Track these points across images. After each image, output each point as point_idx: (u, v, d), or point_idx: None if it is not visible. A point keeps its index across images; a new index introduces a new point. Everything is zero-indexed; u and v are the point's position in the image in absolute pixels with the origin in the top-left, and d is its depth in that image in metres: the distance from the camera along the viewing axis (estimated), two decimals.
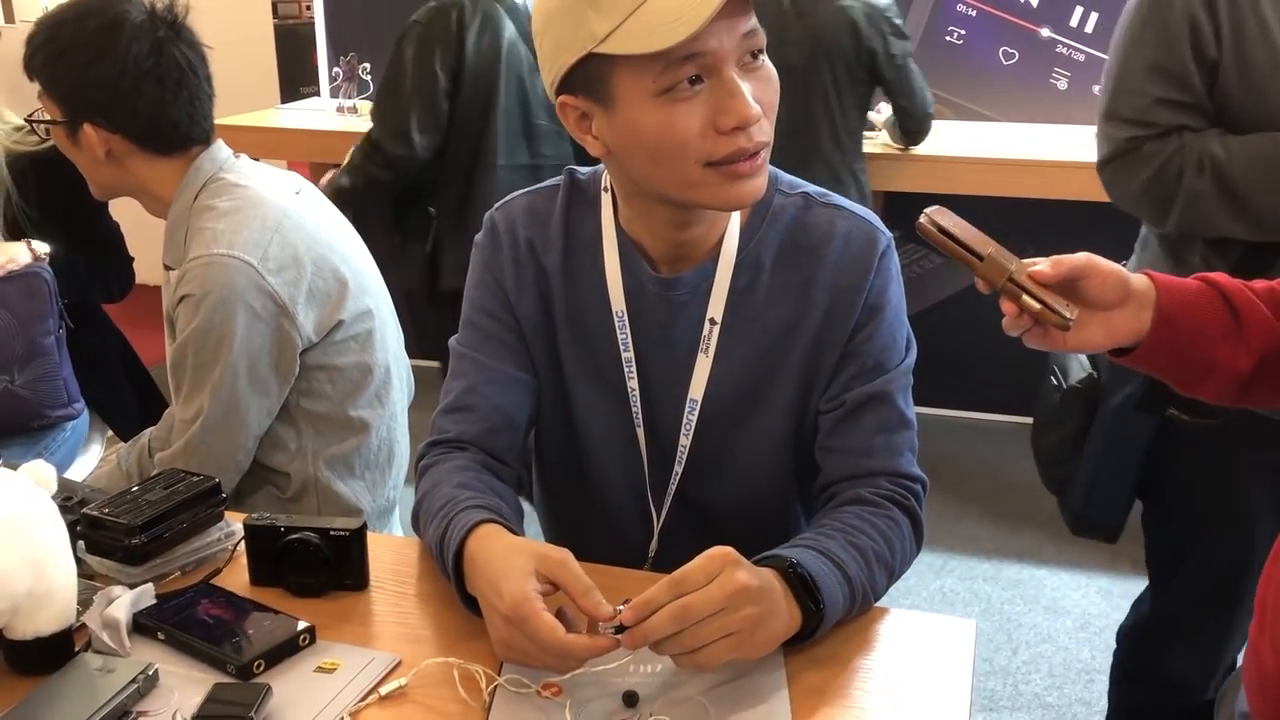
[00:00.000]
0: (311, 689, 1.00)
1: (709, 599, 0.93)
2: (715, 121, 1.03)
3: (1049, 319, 0.99)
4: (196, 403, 1.55)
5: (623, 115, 1.06)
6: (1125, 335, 1.04)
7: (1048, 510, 3.23)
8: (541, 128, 2.82)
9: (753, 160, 1.06)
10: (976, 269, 1.00)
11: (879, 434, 1.18)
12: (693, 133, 1.04)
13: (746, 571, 0.96)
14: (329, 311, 1.60)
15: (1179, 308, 1.03)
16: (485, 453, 1.23)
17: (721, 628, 0.94)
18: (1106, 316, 1.02)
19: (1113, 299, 1.02)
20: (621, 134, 1.07)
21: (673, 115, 1.03)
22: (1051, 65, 3.59)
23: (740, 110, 1.03)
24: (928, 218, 1.01)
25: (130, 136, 1.57)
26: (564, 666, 0.96)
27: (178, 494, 1.21)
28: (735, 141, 1.04)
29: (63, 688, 0.98)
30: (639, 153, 1.08)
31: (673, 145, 1.04)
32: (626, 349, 1.21)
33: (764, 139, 1.06)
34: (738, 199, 1.08)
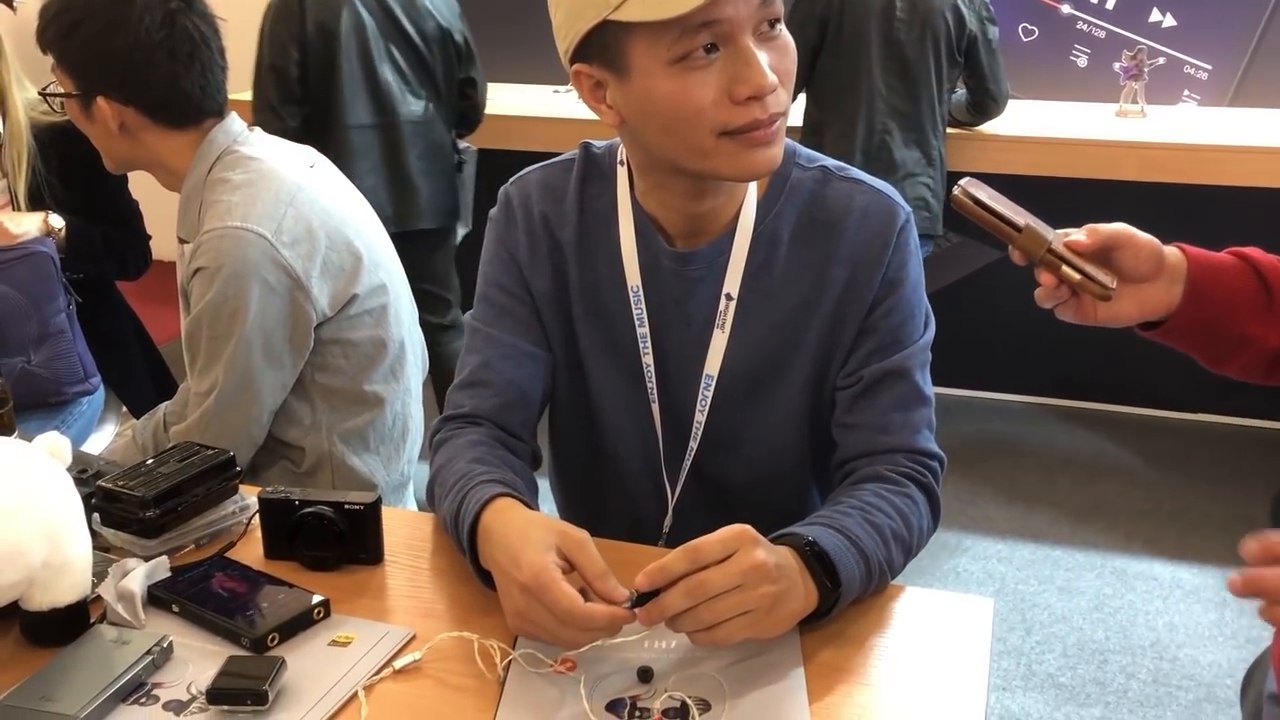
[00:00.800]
0: (326, 662, 1.00)
1: (726, 575, 0.92)
2: (730, 91, 1.02)
3: (1089, 289, 0.98)
4: (211, 376, 1.55)
5: (637, 84, 1.05)
6: (1156, 309, 1.02)
7: (1063, 490, 3.23)
8: (388, 84, 2.87)
9: (768, 129, 1.05)
10: (1014, 241, 0.99)
11: (897, 410, 1.17)
12: (707, 101, 1.02)
13: (764, 549, 0.95)
14: (343, 285, 1.60)
15: (1211, 281, 1.01)
16: (499, 428, 1.23)
17: (738, 604, 0.93)
18: (1138, 289, 1.01)
19: (1146, 271, 1.00)
20: (636, 103, 1.06)
21: (688, 84, 1.02)
22: (1072, 42, 3.55)
23: (756, 79, 1.02)
24: (962, 190, 1.00)
25: (143, 109, 1.56)
26: (578, 639, 0.95)
27: (192, 467, 1.21)
28: (750, 111, 1.03)
29: (78, 659, 0.99)
30: (653, 122, 1.07)
31: (687, 114, 1.03)
32: (642, 324, 1.21)
33: (779, 109, 1.05)
34: (753, 169, 1.07)
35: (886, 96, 2.89)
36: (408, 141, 2.92)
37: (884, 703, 0.96)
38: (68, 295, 2.13)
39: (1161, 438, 3.55)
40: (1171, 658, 2.52)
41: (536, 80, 3.86)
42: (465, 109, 3.09)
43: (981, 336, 3.65)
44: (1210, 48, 3.44)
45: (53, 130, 2.11)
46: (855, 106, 2.90)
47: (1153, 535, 3.01)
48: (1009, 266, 1.04)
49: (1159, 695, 2.40)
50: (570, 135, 1.46)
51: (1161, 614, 2.67)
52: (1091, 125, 3.23)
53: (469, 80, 3.05)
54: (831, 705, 0.95)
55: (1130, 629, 2.62)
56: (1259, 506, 3.10)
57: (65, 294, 2.12)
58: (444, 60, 2.96)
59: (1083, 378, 3.69)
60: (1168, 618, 2.66)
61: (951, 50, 2.91)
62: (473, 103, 3.09)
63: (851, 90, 2.89)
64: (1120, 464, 3.40)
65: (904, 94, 2.91)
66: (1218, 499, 3.17)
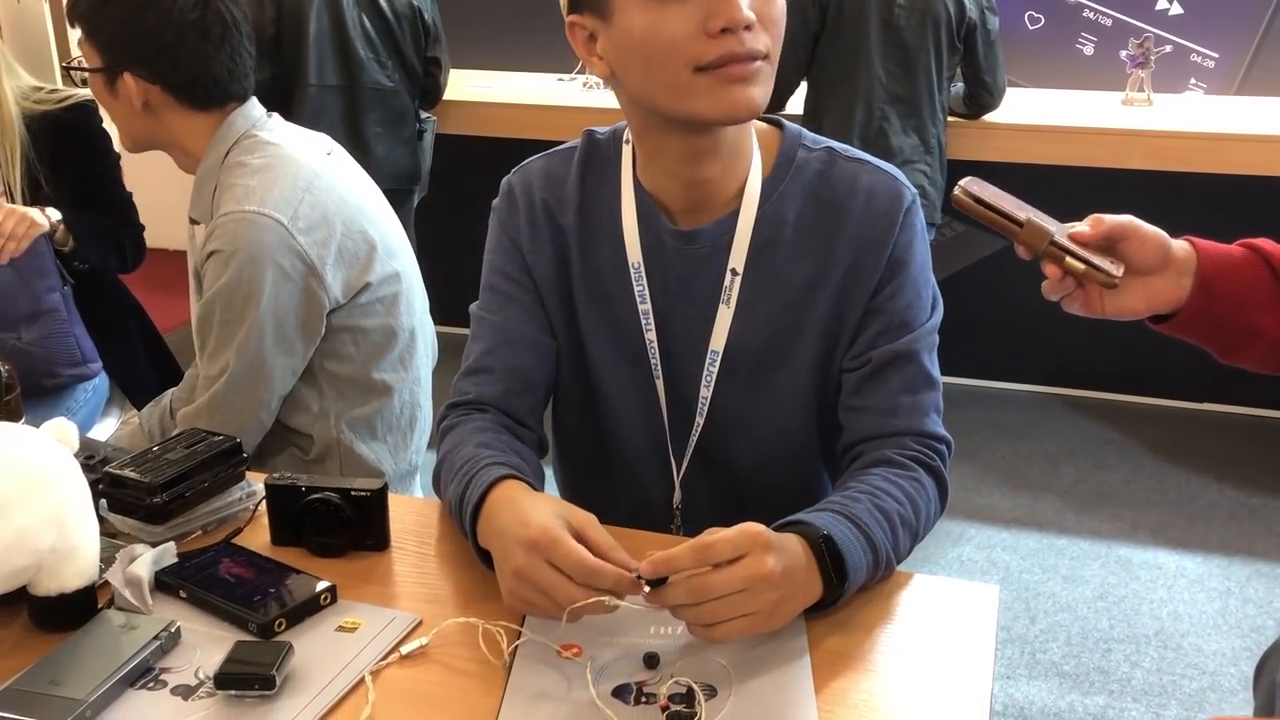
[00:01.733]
0: (333, 648, 1.01)
1: (730, 579, 0.92)
2: (705, 24, 1.03)
3: (1094, 278, 0.98)
4: (222, 359, 1.55)
5: (619, 24, 1.07)
6: (1165, 302, 1.02)
7: (1067, 479, 3.23)
8: (359, 55, 3.04)
9: (745, 65, 1.05)
10: (1017, 236, 0.99)
11: (904, 393, 1.17)
12: (683, 34, 1.03)
13: (775, 556, 0.94)
14: (357, 273, 1.60)
15: (1221, 273, 1.01)
16: (505, 414, 1.23)
17: (739, 608, 0.93)
18: (1145, 282, 1.01)
19: (1153, 263, 1.00)
20: (618, 45, 1.08)
21: (662, 17, 1.03)
22: (1078, 30, 3.54)
23: (729, 11, 1.02)
24: (962, 189, 1.00)
25: (169, 88, 1.56)
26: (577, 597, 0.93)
27: (199, 453, 1.21)
28: (725, 44, 1.03)
29: (86, 644, 0.99)
30: (634, 62, 1.08)
31: (663, 48, 1.04)
32: (644, 301, 1.21)
33: (759, 47, 1.05)
34: (732, 107, 1.07)
35: (885, 83, 2.88)
36: (367, 106, 3.09)
37: (889, 689, 0.96)
38: (61, 276, 2.11)
39: (1167, 427, 3.55)
40: (1176, 646, 2.52)
41: (541, 69, 3.85)
42: (428, 86, 3.28)
43: (986, 325, 3.64)
44: (1217, 36, 3.43)
45: (44, 120, 2.08)
46: (854, 92, 2.89)
47: (1158, 524, 3.01)
48: (1013, 255, 1.04)
49: (1163, 684, 2.40)
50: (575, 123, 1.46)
51: (1166, 603, 2.67)
52: (1098, 114, 3.22)
53: (434, 60, 3.23)
54: (837, 692, 0.95)
55: (1134, 618, 2.62)
56: (1264, 496, 3.10)
57: (59, 275, 2.11)
58: (413, 37, 3.12)
59: (1087, 367, 3.69)
60: (1172, 606, 2.66)
61: (952, 37, 2.90)
62: (435, 81, 3.29)
63: (850, 76, 2.89)
64: (1125, 453, 3.40)
65: (903, 80, 2.89)
66: (1223, 488, 3.17)
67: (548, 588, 0.94)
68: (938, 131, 2.97)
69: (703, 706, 0.92)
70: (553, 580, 0.94)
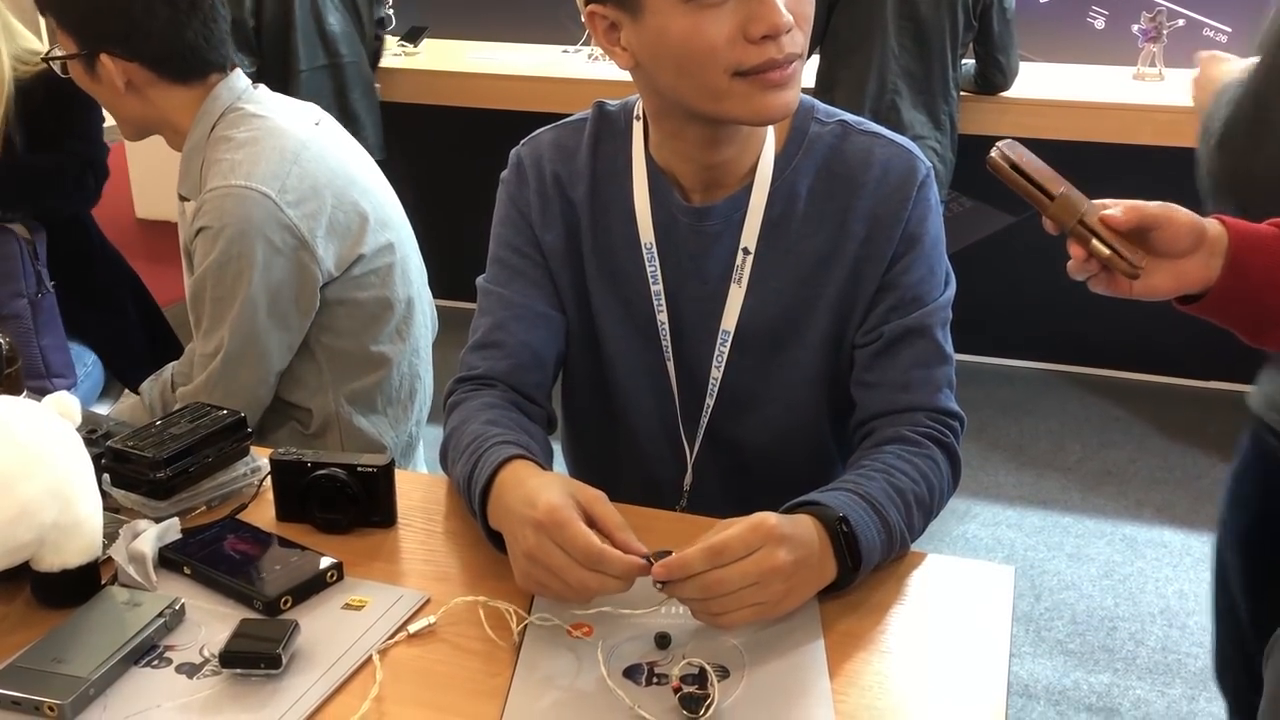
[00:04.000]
0: (339, 626, 0.99)
1: (743, 573, 0.91)
2: (745, 29, 1.01)
3: (1118, 265, 0.96)
4: (216, 337, 1.53)
5: (651, 23, 1.04)
6: (1194, 283, 1.00)
7: (1073, 458, 3.22)
8: (334, 31, 3.14)
9: (783, 70, 1.03)
10: (1047, 209, 0.96)
11: (917, 368, 1.16)
12: (721, 40, 1.01)
13: (786, 548, 0.93)
14: (349, 245, 1.57)
15: (1251, 253, 0.99)
16: (514, 389, 1.21)
17: (749, 599, 0.92)
18: (1176, 264, 0.99)
19: (1185, 248, 0.98)
20: (650, 43, 1.05)
21: (701, 21, 1.01)
22: (1089, 4, 3.50)
23: (771, 17, 1.00)
24: (999, 152, 0.97)
25: (148, 63, 1.54)
26: (589, 583, 0.92)
27: (203, 428, 1.19)
28: (765, 51, 1.02)
29: (90, 621, 0.98)
30: (667, 62, 1.05)
31: (701, 53, 1.02)
32: (656, 281, 1.19)
33: (795, 50, 1.03)
34: (767, 111, 1.06)
35: (898, 56, 2.86)
36: (350, 81, 3.20)
37: (904, 670, 0.95)
38: (40, 285, 2.07)
39: (1173, 405, 3.53)
40: (1181, 625, 2.51)
41: (545, 40, 3.81)
42: (376, 49, 3.38)
43: (992, 302, 3.62)
44: (1230, 9, 3.39)
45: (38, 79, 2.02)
46: (866, 65, 2.86)
47: (1163, 503, 3.00)
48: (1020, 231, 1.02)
49: (1168, 663, 2.39)
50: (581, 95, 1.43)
51: (1171, 581, 2.67)
52: (1109, 88, 3.19)
53: (383, 20, 3.36)
54: (851, 673, 0.94)
55: (1140, 596, 2.62)
56: None
57: (36, 282, 2.06)
58: (366, 3, 3.25)
59: (1094, 344, 3.67)
60: (1178, 585, 2.65)
61: (968, 14, 2.87)
62: (382, 42, 3.40)
63: (864, 48, 2.86)
64: (1131, 431, 3.38)
65: (916, 55, 2.87)
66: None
67: (557, 570, 0.93)
68: (950, 108, 2.94)
69: (715, 687, 0.91)
70: (562, 562, 0.93)
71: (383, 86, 3.41)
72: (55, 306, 2.13)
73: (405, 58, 3.67)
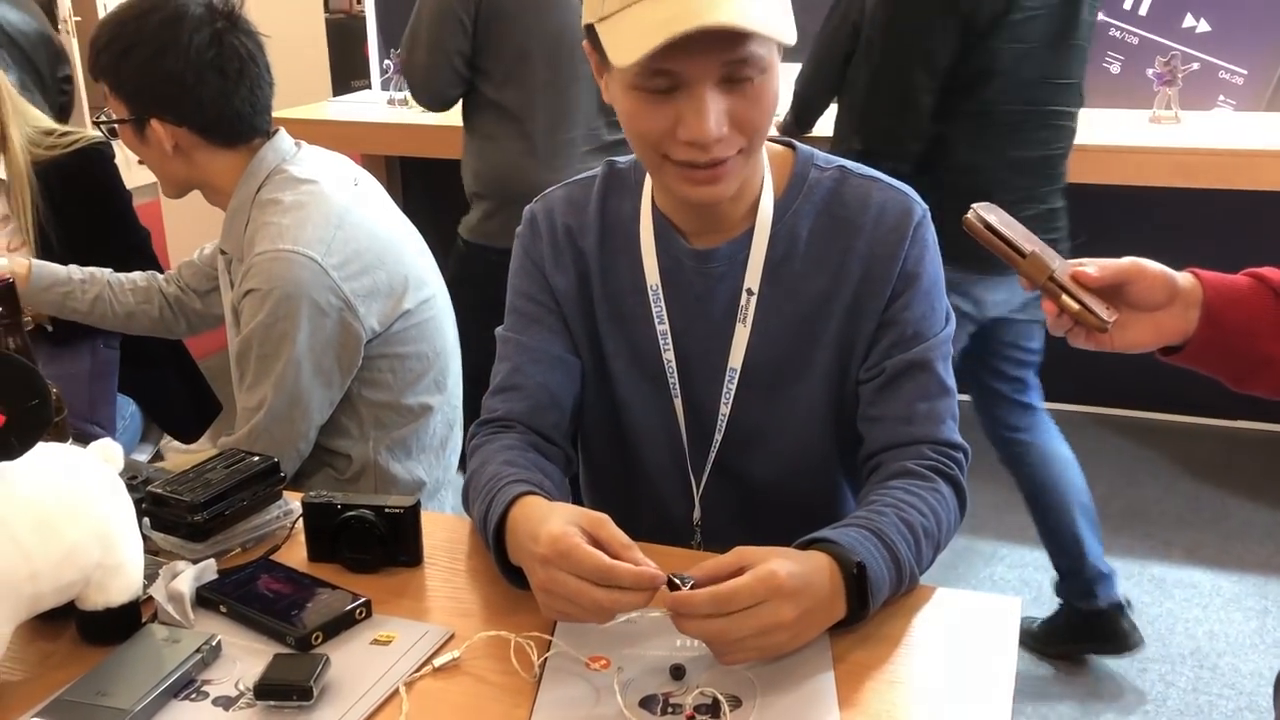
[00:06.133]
0: (368, 660, 1.03)
1: (745, 626, 0.95)
2: (675, 129, 1.07)
3: (1087, 320, 1.00)
4: (260, 393, 1.58)
5: (611, 84, 1.12)
6: (1172, 334, 1.03)
7: (1099, 497, 3.18)
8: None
9: (711, 171, 1.09)
10: (1019, 266, 1.01)
11: (920, 401, 1.19)
12: (654, 130, 1.08)
13: (792, 604, 0.96)
14: (392, 304, 1.63)
15: (1226, 304, 1.02)
16: (532, 431, 1.26)
17: (752, 645, 0.96)
18: (1153, 317, 1.02)
19: (1159, 301, 1.02)
20: (612, 98, 1.14)
21: (640, 110, 1.08)
22: (1105, 49, 3.54)
23: (696, 129, 1.06)
24: (974, 213, 1.02)
25: (196, 129, 1.60)
26: (604, 602, 0.96)
27: (238, 473, 1.25)
28: (689, 151, 1.08)
29: (131, 656, 1.02)
30: (621, 121, 1.14)
31: (638, 132, 1.10)
32: (662, 321, 1.24)
33: (725, 154, 1.09)
34: (695, 198, 1.13)
35: None
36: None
37: (912, 700, 0.98)
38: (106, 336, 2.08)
39: (1200, 445, 3.52)
40: (1212, 666, 2.50)
41: None
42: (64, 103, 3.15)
43: None
44: (1245, 52, 3.42)
45: (52, 167, 2.02)
46: None
47: (1192, 543, 2.99)
48: None
49: (1199, 704, 2.38)
50: None
51: (1201, 622, 2.65)
52: (1125, 132, 3.21)
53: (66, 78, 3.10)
54: (860, 702, 0.97)
55: (1169, 637, 2.60)
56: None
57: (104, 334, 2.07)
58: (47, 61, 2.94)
59: (1119, 384, 3.66)
60: (1208, 626, 2.64)
61: None
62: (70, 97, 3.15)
63: None
64: (1158, 471, 3.37)
65: None
66: (1259, 506, 3.14)
67: (571, 595, 0.97)
68: None
69: (728, 717, 0.94)
70: (575, 588, 0.96)
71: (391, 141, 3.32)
72: (114, 362, 2.18)
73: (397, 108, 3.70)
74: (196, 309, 1.91)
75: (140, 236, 2.22)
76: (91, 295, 1.85)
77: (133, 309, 1.88)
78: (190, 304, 1.91)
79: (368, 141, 3.67)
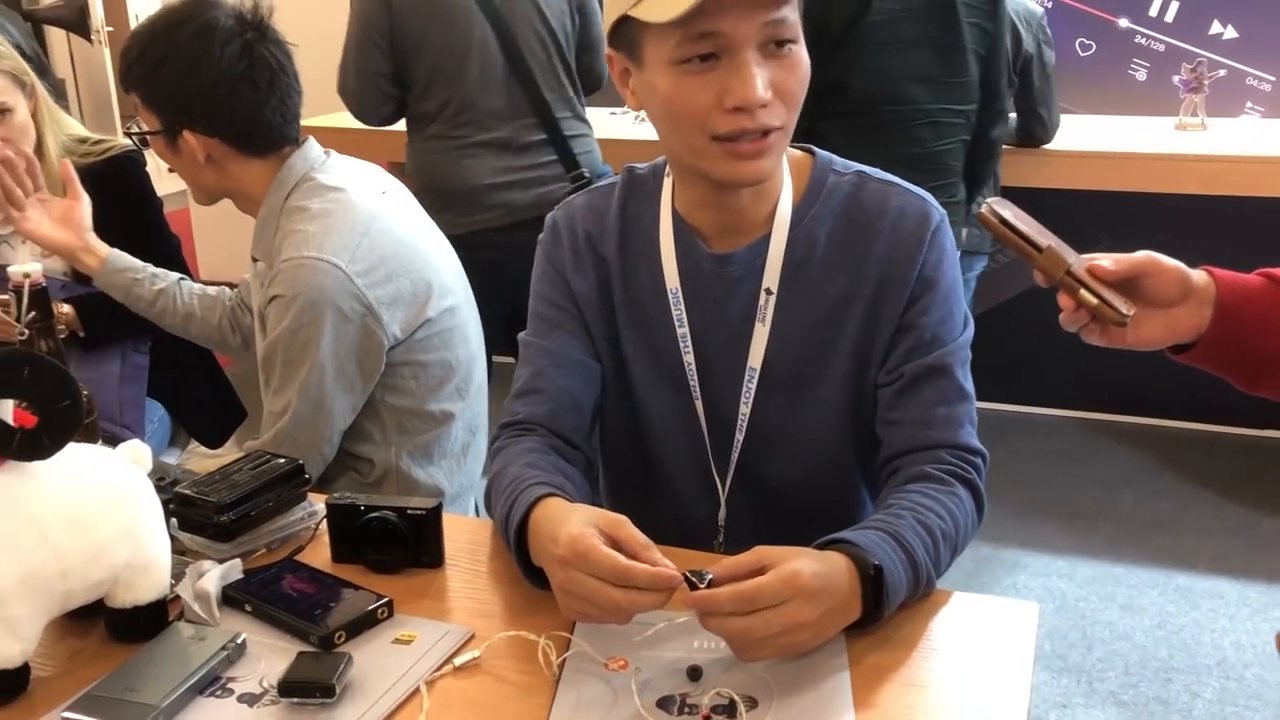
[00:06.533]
0: (389, 659, 1.05)
1: (768, 624, 0.95)
2: (721, 99, 1.08)
3: (1106, 314, 0.99)
4: (285, 398, 1.60)
5: (647, 76, 1.12)
6: (1185, 332, 1.03)
7: (1125, 507, 3.19)
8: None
9: (758, 142, 1.10)
10: (1035, 260, 1.01)
11: (939, 405, 1.20)
12: (700, 105, 1.09)
13: (814, 604, 0.97)
14: (415, 312, 1.65)
15: (1240, 302, 1.02)
16: (554, 434, 1.27)
17: (773, 644, 0.97)
18: (1167, 313, 1.02)
19: (1173, 296, 1.01)
20: (646, 94, 1.14)
21: (684, 85, 1.09)
22: (1130, 56, 3.53)
23: (744, 92, 1.06)
24: (988, 207, 1.03)
25: (227, 139, 1.62)
26: (621, 602, 0.97)
27: (264, 475, 1.27)
28: (738, 120, 1.08)
29: (159, 654, 1.04)
30: (657, 114, 1.14)
31: (681, 113, 1.10)
32: (681, 324, 1.25)
33: (774, 123, 1.10)
34: (739, 176, 1.13)
35: None
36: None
37: (928, 704, 0.98)
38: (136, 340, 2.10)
39: (1227, 454, 3.49)
40: (1238, 677, 2.48)
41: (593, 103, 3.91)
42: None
43: (1039, 352, 3.62)
44: (1273, 59, 3.40)
45: (87, 173, 2.01)
46: None
47: (1218, 552, 2.96)
48: None
49: (1225, 715, 2.36)
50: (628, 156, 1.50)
51: (1228, 632, 2.63)
52: (1151, 139, 3.20)
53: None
54: (877, 705, 0.97)
55: (1195, 647, 2.59)
56: None
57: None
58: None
59: (1144, 393, 3.64)
60: (1234, 636, 2.62)
61: (1009, 69, 2.91)
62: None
63: None
64: (1182, 480, 3.35)
65: None
66: None
67: (589, 596, 0.98)
68: (993, 164, 2.97)
69: (744, 717, 0.95)
70: (593, 588, 0.97)
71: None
72: (144, 367, 2.20)
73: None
74: (251, 325, 1.93)
75: (171, 244, 2.25)
76: (158, 288, 1.87)
77: (194, 311, 1.90)
78: (245, 321, 1.93)
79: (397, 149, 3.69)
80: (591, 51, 2.75)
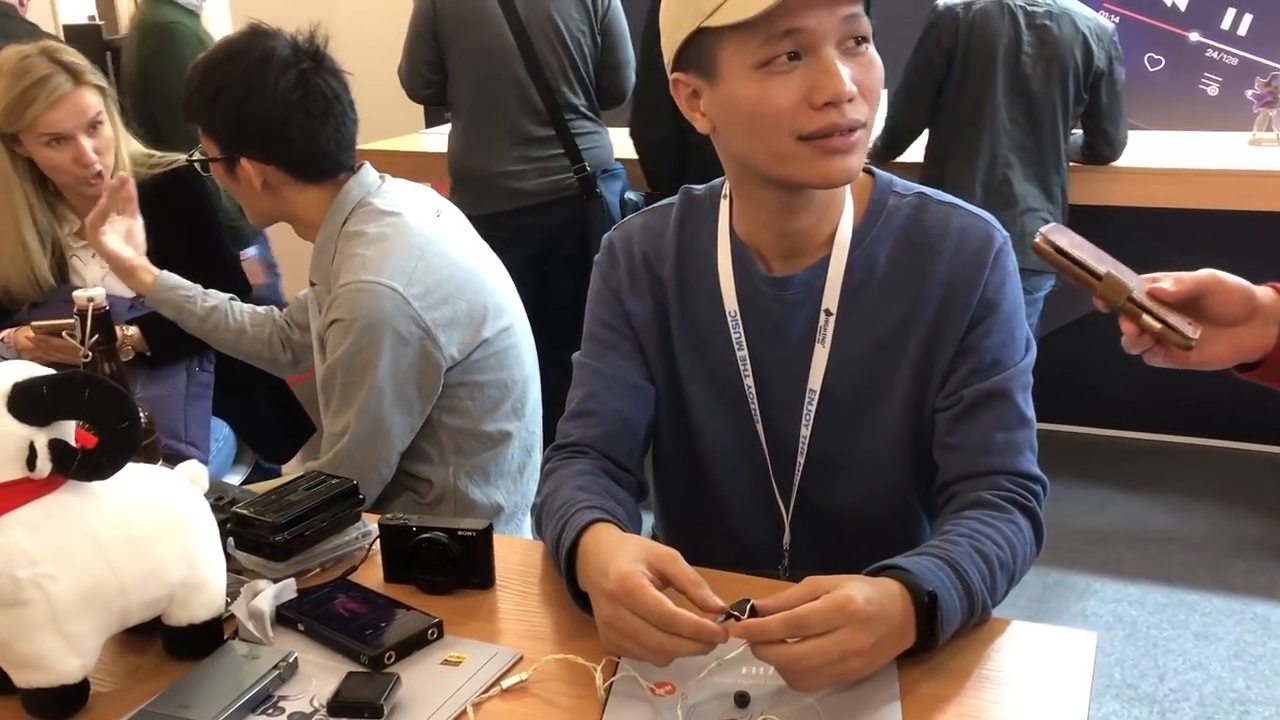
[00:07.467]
0: (438, 680, 1.05)
1: (821, 651, 0.94)
2: (809, 97, 1.07)
3: (1171, 339, 0.96)
4: (344, 419, 1.63)
5: (725, 88, 1.11)
6: (1251, 350, 1.00)
7: (1200, 532, 3.10)
8: None
9: (846, 138, 1.09)
10: (1095, 289, 0.98)
11: (998, 431, 1.17)
12: (787, 105, 1.07)
13: (867, 631, 0.95)
14: (472, 333, 1.66)
15: None
16: (606, 457, 1.27)
17: (826, 673, 0.96)
18: (1232, 332, 0.99)
19: (1238, 314, 0.98)
20: (724, 107, 1.12)
21: (769, 87, 1.08)
22: (1201, 70, 3.45)
23: (833, 86, 1.06)
24: (1043, 237, 1.00)
25: (283, 166, 1.65)
26: (666, 646, 0.97)
27: (319, 495, 1.28)
28: (828, 116, 1.07)
29: (212, 672, 1.06)
30: (737, 125, 1.12)
31: (768, 117, 1.09)
32: (741, 348, 1.24)
33: (859, 118, 1.09)
34: (830, 175, 1.11)
35: (1010, 130, 2.86)
36: None
37: None
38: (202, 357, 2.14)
39: None
40: None
41: None
42: None
43: (1112, 373, 3.54)
44: None
45: (151, 185, 2.08)
46: (977, 139, 2.87)
47: None
48: None
49: None
50: None
51: None
52: (1224, 155, 3.13)
53: None
54: None
55: (1274, 678, 2.50)
56: None
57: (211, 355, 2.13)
58: None
59: (1222, 414, 3.54)
60: None
61: (1079, 87, 2.86)
62: None
63: (975, 123, 2.87)
64: (1262, 505, 3.24)
65: (1027, 129, 2.88)
66: None
67: (633, 635, 0.98)
68: (1061, 179, 2.93)
69: None
70: (637, 628, 0.97)
71: None
72: (210, 385, 2.25)
73: None
74: (300, 341, 1.96)
75: (229, 256, 2.31)
76: (210, 304, 1.91)
77: (245, 328, 1.93)
78: (295, 337, 1.96)
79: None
80: (614, 71, 3.14)
